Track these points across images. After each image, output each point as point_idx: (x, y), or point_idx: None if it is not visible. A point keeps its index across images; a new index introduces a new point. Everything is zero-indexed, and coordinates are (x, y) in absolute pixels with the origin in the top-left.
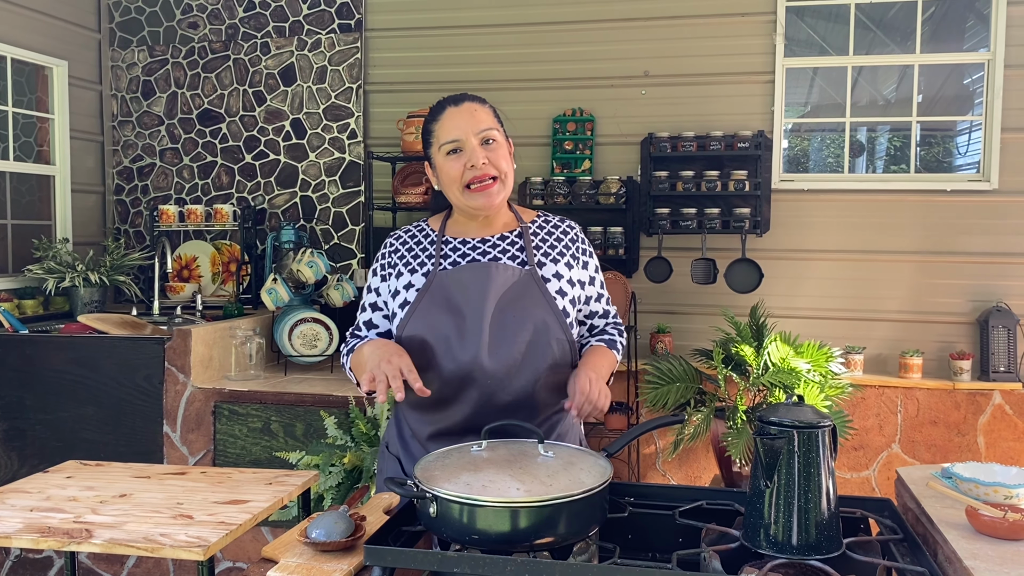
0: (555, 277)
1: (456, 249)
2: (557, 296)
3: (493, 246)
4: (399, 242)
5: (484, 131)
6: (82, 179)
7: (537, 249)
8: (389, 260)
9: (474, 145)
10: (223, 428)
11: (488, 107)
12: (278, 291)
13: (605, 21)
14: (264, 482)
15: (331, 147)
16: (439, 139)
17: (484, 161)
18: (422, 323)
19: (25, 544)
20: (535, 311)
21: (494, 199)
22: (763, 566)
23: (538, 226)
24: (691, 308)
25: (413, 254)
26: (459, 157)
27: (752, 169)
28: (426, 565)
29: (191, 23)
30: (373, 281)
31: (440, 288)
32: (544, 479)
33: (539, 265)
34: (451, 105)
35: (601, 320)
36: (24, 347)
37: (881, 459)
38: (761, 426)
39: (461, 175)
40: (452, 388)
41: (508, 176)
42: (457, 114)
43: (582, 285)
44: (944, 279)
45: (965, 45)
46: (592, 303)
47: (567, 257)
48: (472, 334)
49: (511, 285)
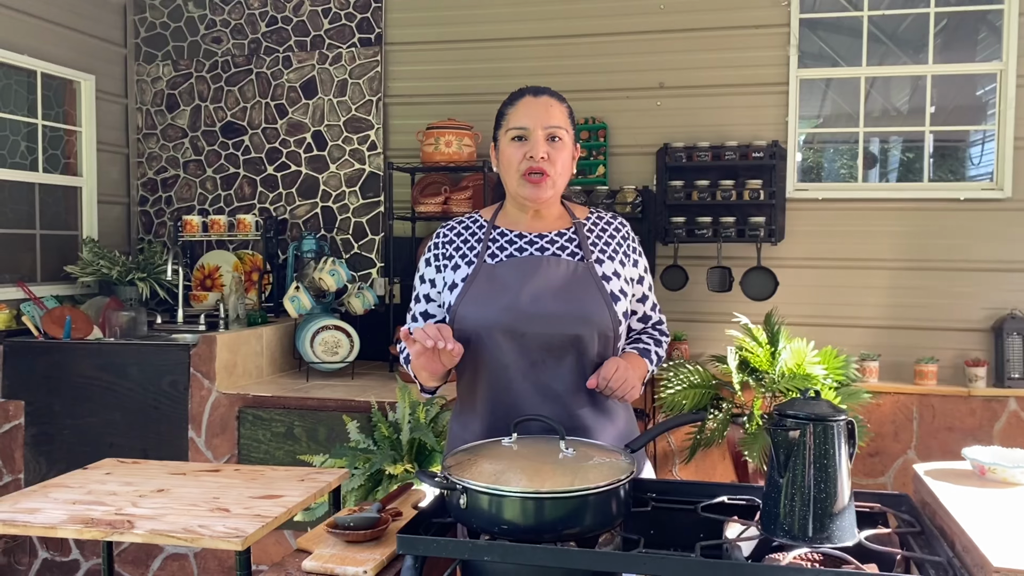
0: (615, 276)
1: (512, 242)
2: (617, 296)
3: (551, 242)
4: (453, 233)
5: (553, 127)
6: (108, 190)
7: (593, 246)
8: (444, 251)
9: (539, 137)
10: (247, 433)
11: (565, 107)
12: (300, 299)
13: (621, 34)
14: (296, 479)
15: (351, 158)
16: (509, 123)
17: (544, 155)
18: (472, 308)
19: (70, 534)
20: (590, 305)
21: (542, 193)
22: (785, 555)
23: (592, 222)
24: (707, 316)
25: (469, 245)
26: (522, 145)
27: (767, 178)
28: (457, 553)
29: (215, 38)
30: (427, 272)
31: (488, 278)
32: (571, 472)
33: (597, 262)
34: (530, 94)
35: (639, 324)
36: (53, 353)
37: (897, 465)
38: (778, 419)
39: (519, 162)
40: (500, 370)
41: (561, 176)
42: (533, 104)
43: (631, 283)
44: (959, 287)
45: (977, 56)
46: (635, 303)
47: (620, 255)
48: (521, 313)
49: (565, 277)
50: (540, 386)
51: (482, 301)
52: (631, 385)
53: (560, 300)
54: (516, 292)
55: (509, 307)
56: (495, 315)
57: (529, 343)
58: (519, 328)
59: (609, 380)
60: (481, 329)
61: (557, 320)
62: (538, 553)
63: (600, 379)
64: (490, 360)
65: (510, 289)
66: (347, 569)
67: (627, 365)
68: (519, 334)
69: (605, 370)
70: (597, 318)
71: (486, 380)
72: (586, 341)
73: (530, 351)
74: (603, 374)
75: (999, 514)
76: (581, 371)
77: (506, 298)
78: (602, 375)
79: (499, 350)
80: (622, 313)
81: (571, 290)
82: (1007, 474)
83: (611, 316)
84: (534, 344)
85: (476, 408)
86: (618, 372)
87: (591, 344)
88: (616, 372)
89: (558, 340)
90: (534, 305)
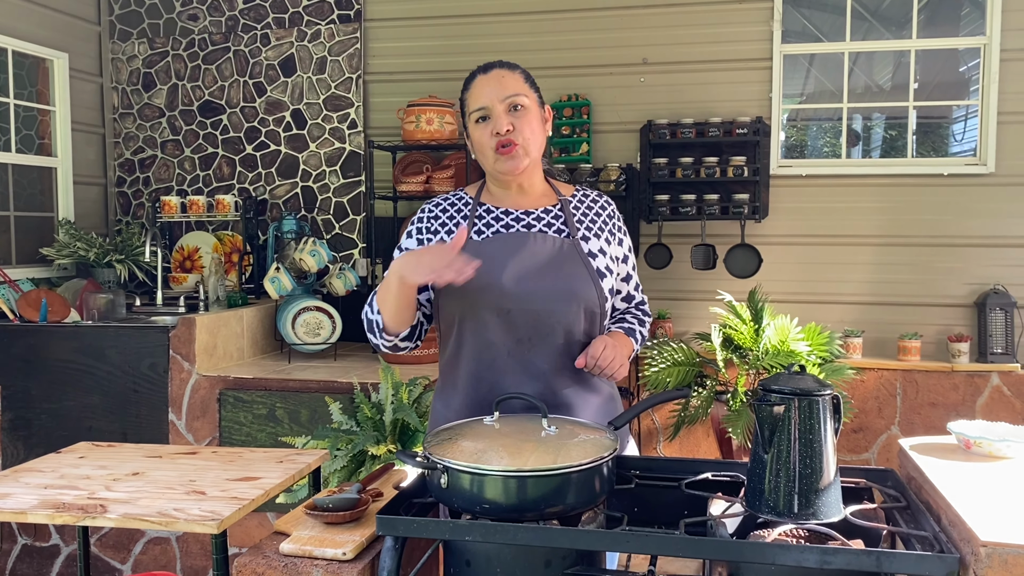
0: (600, 253)
1: (499, 219)
2: (603, 273)
3: (537, 219)
4: (439, 209)
5: (510, 97)
6: (84, 171)
7: (579, 223)
8: (428, 225)
9: (500, 111)
10: (228, 415)
11: (518, 72)
12: (281, 280)
13: (603, 9)
14: (275, 460)
15: (331, 137)
16: (469, 106)
17: (508, 127)
18: (458, 285)
19: (40, 519)
20: (577, 281)
21: (518, 164)
22: (771, 532)
23: (578, 200)
24: (691, 294)
25: (455, 222)
26: (487, 125)
27: (751, 155)
28: (437, 534)
29: (191, 15)
30: (410, 245)
31: (475, 254)
32: (553, 450)
33: (583, 239)
34: (480, 73)
35: (623, 304)
36: (29, 336)
37: (881, 441)
38: (763, 394)
39: (488, 140)
40: (485, 348)
41: (532, 142)
42: (485, 82)
43: (616, 262)
44: (942, 262)
45: (961, 32)
46: (619, 282)
47: (606, 233)
48: (506, 289)
49: (551, 254)
50: (524, 363)
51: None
52: (619, 363)
53: (547, 277)
54: (502, 269)
55: (495, 284)
56: (481, 292)
57: (515, 320)
58: (505, 305)
59: (597, 359)
60: (466, 306)
61: (543, 297)
62: (520, 532)
63: (588, 358)
64: (475, 337)
65: (497, 265)
66: (325, 551)
67: (615, 344)
68: (505, 311)
69: (593, 349)
70: (584, 295)
71: (470, 357)
72: (572, 318)
73: (516, 328)
74: (591, 353)
75: (985, 488)
76: (566, 349)
77: (492, 275)
78: (590, 354)
79: (484, 327)
80: (608, 290)
81: (558, 267)
82: (993, 448)
83: (598, 293)
84: (520, 321)
85: (458, 385)
86: (606, 351)
87: (577, 321)
88: (604, 351)
89: (544, 317)
90: (520, 282)
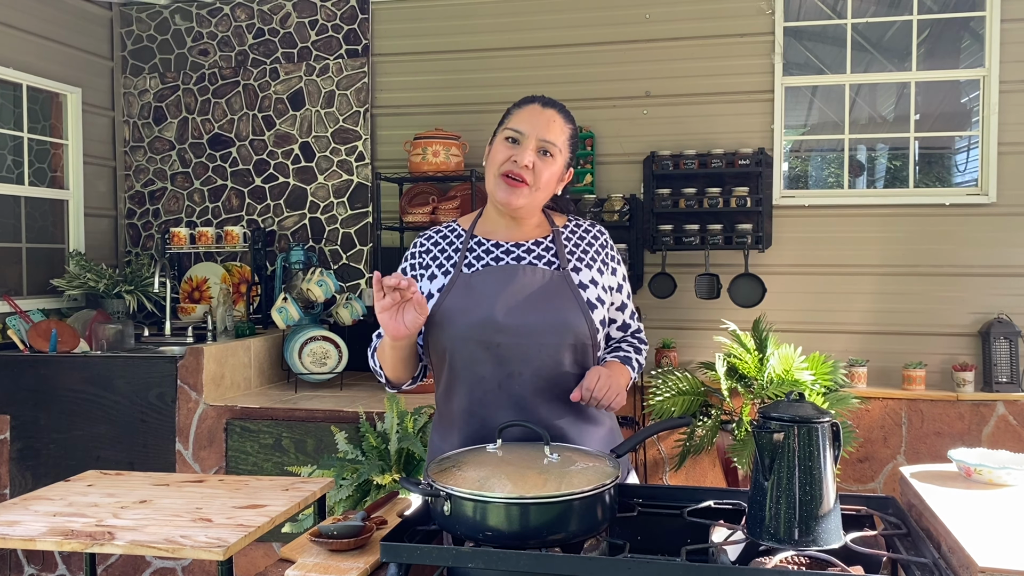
0: (591, 284)
1: (489, 251)
2: (594, 304)
3: (527, 251)
4: (430, 243)
5: (547, 142)
6: (95, 203)
7: (571, 254)
8: (420, 260)
9: (531, 146)
10: (235, 445)
11: (569, 127)
12: (288, 310)
13: (606, 43)
14: (281, 488)
15: (339, 169)
16: (508, 123)
17: (528, 164)
18: (448, 318)
19: (49, 546)
20: (567, 313)
21: (515, 199)
22: (772, 559)
23: (570, 230)
24: (695, 323)
25: (446, 255)
26: (511, 147)
27: (753, 185)
28: (441, 561)
29: (202, 50)
30: None
31: (464, 287)
32: (555, 477)
33: (574, 270)
34: (538, 103)
35: (619, 332)
36: (39, 367)
37: (887, 471)
38: (762, 421)
39: (503, 162)
40: (477, 384)
41: (541, 191)
42: (538, 113)
43: (609, 292)
44: (945, 292)
45: (961, 64)
46: (614, 311)
47: (598, 263)
48: (496, 322)
49: (541, 286)
50: (516, 397)
51: (458, 311)
52: (616, 392)
53: (536, 310)
54: (492, 302)
55: (484, 317)
56: (470, 325)
57: (505, 353)
58: (494, 338)
59: (593, 390)
60: (456, 339)
61: (533, 330)
62: (523, 559)
63: (583, 391)
64: (466, 371)
65: (486, 299)
66: None
67: (609, 373)
68: (494, 344)
69: (587, 381)
70: (574, 326)
71: (462, 391)
72: (563, 350)
73: (506, 362)
74: (586, 385)
75: (985, 515)
76: (559, 381)
77: (482, 308)
78: (585, 386)
79: (475, 361)
80: (599, 321)
81: (547, 299)
82: (993, 475)
83: (588, 325)
84: (510, 354)
85: (453, 420)
86: (600, 381)
87: (568, 353)
88: (599, 381)
89: (534, 350)
90: (510, 315)
